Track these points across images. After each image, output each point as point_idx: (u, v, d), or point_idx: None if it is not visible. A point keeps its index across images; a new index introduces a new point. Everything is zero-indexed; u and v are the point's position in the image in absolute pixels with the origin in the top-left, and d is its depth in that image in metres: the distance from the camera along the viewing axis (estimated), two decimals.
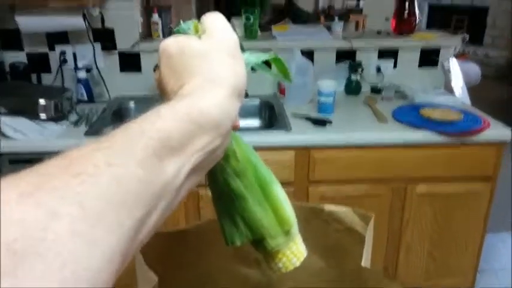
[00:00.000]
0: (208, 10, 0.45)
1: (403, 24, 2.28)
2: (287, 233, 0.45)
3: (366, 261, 0.53)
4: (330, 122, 1.77)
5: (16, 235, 0.20)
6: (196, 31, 0.40)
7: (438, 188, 1.78)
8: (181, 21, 0.45)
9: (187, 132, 0.31)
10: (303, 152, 1.69)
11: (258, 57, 0.44)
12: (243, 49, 0.40)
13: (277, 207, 0.44)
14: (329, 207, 0.60)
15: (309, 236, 0.62)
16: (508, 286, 2.26)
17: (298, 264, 0.45)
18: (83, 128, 1.75)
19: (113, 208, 0.25)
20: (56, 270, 0.20)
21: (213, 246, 0.51)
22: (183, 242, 0.54)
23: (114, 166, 0.26)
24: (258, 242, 0.44)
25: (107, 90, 2.11)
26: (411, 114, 1.83)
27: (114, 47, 2.10)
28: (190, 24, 0.42)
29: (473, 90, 2.51)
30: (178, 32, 0.42)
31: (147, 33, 2.19)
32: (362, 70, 2.14)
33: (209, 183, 0.44)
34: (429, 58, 2.22)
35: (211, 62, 0.36)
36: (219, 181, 0.43)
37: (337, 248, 0.59)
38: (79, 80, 2.03)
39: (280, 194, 0.44)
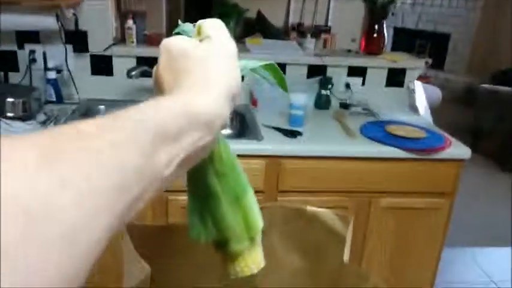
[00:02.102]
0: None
1: (372, 45, 2.38)
2: (252, 239, 0.46)
3: (345, 260, 0.55)
4: (301, 134, 1.82)
5: (30, 201, 0.21)
6: (198, 34, 0.42)
7: (400, 202, 1.85)
8: (180, 22, 0.47)
9: (181, 125, 0.33)
10: (273, 161, 1.72)
11: (255, 63, 0.47)
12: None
13: (247, 213, 0.45)
14: (311, 208, 0.63)
15: (289, 235, 0.64)
16: None
17: (255, 271, 0.46)
18: (50, 128, 1.71)
19: (113, 187, 0.26)
20: (56, 238, 0.22)
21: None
22: (174, 233, 0.55)
23: (119, 149, 0.27)
24: (221, 243, 0.45)
25: (77, 92, 2.08)
26: (377, 130, 1.90)
27: (87, 50, 2.07)
28: (191, 26, 0.44)
29: (434, 111, 2.63)
30: (179, 33, 0.43)
31: (121, 38, 2.17)
32: (332, 86, 2.21)
33: (188, 179, 0.45)
34: (395, 78, 2.32)
35: (208, 65, 0.38)
36: (198, 178, 0.44)
37: (317, 248, 0.62)
38: (48, 81, 1.99)
39: (252, 202, 0.46)
